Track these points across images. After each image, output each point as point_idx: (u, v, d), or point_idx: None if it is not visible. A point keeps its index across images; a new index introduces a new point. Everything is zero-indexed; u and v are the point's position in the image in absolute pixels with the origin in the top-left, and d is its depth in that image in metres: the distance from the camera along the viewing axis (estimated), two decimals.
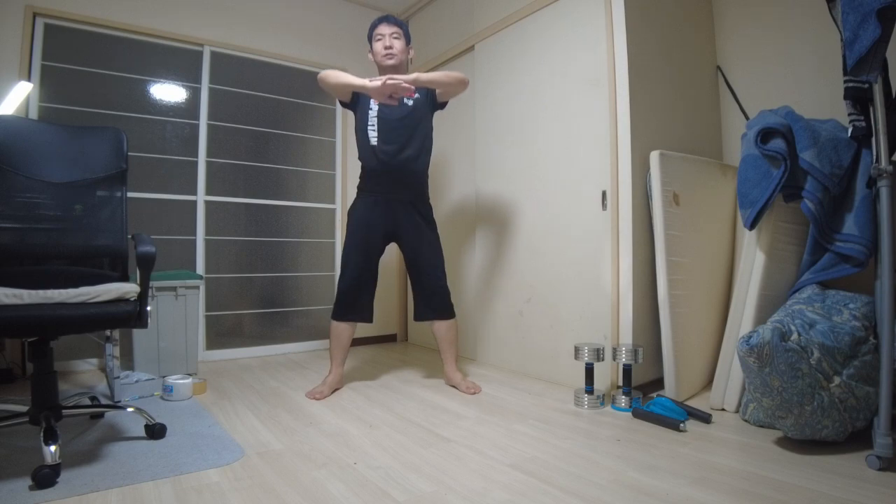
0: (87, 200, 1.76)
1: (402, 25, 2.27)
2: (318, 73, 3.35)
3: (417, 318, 2.29)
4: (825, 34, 2.11)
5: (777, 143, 1.78)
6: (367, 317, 2.25)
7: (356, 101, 2.23)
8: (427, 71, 3.34)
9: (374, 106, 2.19)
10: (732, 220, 2.33)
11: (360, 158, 2.26)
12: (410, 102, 2.21)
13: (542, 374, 2.44)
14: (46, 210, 1.72)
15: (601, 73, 2.18)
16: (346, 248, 2.23)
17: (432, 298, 2.25)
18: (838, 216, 1.75)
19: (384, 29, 2.23)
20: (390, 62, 2.21)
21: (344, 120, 3.44)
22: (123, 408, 1.79)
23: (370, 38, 2.28)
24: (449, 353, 2.29)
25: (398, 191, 2.22)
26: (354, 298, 2.20)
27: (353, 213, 2.27)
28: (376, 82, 2.00)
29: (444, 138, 3.18)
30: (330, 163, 3.44)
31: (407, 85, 2.00)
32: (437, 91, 2.21)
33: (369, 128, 2.18)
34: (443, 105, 2.29)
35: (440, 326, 2.28)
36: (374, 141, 2.18)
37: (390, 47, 2.20)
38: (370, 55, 2.29)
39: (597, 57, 2.20)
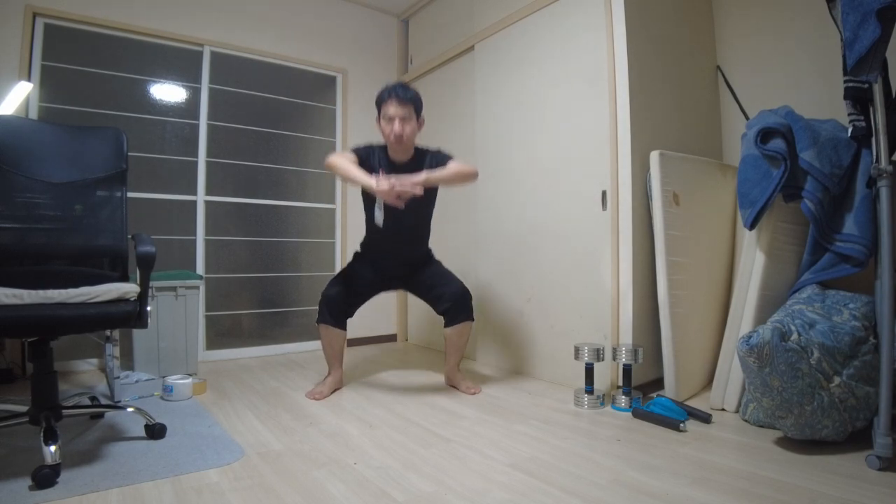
0: (87, 200, 1.76)
1: (414, 99, 2.11)
2: (318, 72, 3.40)
3: (448, 324, 2.22)
4: (825, 34, 2.11)
5: (777, 143, 1.78)
6: (343, 325, 2.22)
7: (363, 166, 2.09)
8: (428, 72, 3.35)
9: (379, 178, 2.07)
10: (732, 220, 2.33)
11: (366, 224, 2.26)
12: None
13: (542, 374, 2.44)
14: (46, 210, 1.72)
15: (601, 73, 2.18)
16: (345, 271, 2.28)
17: (462, 305, 2.21)
18: (838, 216, 1.75)
19: (393, 109, 2.06)
20: (398, 148, 2.13)
21: (344, 120, 3.44)
22: (123, 408, 1.79)
23: (378, 108, 2.14)
24: (454, 355, 2.27)
25: (399, 260, 2.26)
26: (336, 306, 2.18)
27: (358, 257, 2.33)
28: (384, 185, 1.87)
29: (445, 138, 3.18)
30: None
31: (417, 190, 1.91)
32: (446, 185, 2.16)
33: (377, 208, 2.10)
34: None
35: (454, 329, 2.21)
36: (379, 222, 2.10)
37: (400, 135, 2.07)
38: (377, 125, 2.16)
39: (597, 57, 2.20)
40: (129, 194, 1.84)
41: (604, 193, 2.16)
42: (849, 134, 1.63)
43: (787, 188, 1.78)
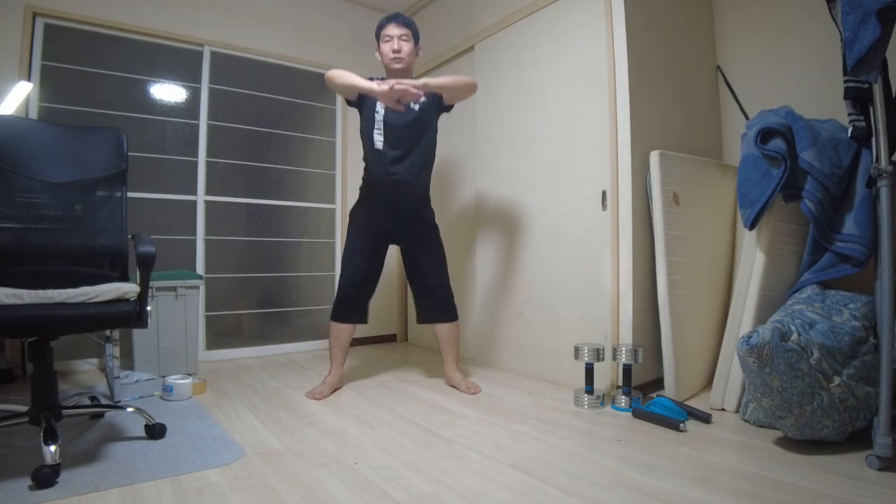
0: (87, 200, 1.76)
1: (411, 25, 2.21)
2: (318, 72, 3.39)
3: (420, 321, 2.29)
4: (825, 34, 2.11)
5: (777, 143, 1.78)
6: (363, 318, 2.24)
7: (362, 101, 2.19)
8: (427, 71, 3.35)
9: (380, 109, 2.15)
10: (732, 220, 2.33)
11: (364, 160, 2.24)
12: (417, 107, 2.17)
13: (542, 374, 2.44)
14: (46, 210, 1.72)
15: (601, 73, 2.18)
16: (347, 249, 2.23)
17: (435, 302, 2.25)
18: (838, 216, 1.75)
19: (393, 30, 2.17)
20: (398, 66, 2.16)
21: (344, 120, 3.44)
22: (123, 408, 1.79)
23: (378, 37, 2.22)
24: (450, 354, 2.29)
25: (400, 196, 2.19)
26: (352, 299, 2.19)
27: (354, 215, 2.27)
28: (384, 86, 1.94)
29: (444, 138, 3.18)
30: (330, 163, 3.44)
31: (415, 91, 1.97)
32: (445, 95, 2.18)
33: (375, 132, 2.15)
34: (449, 108, 2.26)
35: (442, 328, 2.28)
36: (379, 145, 2.14)
37: (398, 51, 2.15)
38: (377, 54, 2.24)
39: (597, 57, 2.20)
40: (129, 194, 1.84)
41: (604, 193, 2.16)
42: (849, 134, 1.63)
43: (787, 188, 1.78)
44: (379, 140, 2.14)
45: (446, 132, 3.16)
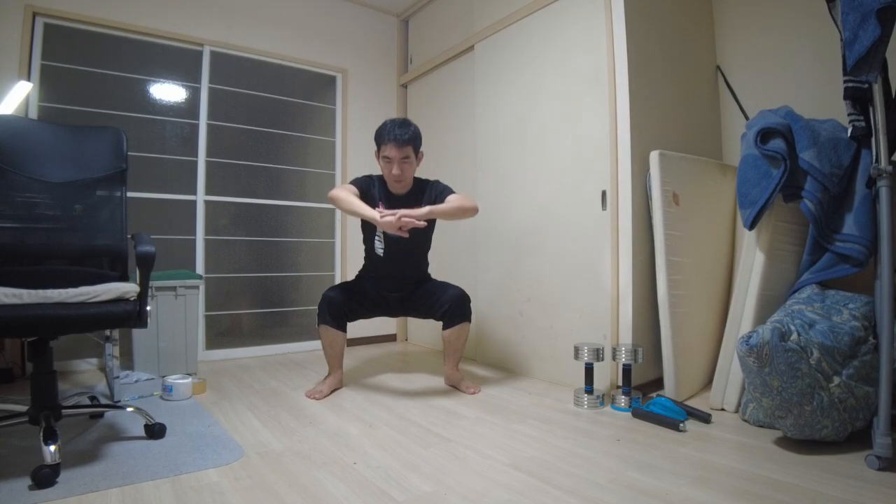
0: (87, 200, 1.76)
1: (413, 140, 2.14)
2: (318, 72, 3.40)
3: (447, 327, 2.21)
4: (825, 34, 2.11)
5: (777, 143, 1.78)
6: (343, 327, 2.21)
7: (364, 198, 2.15)
8: (427, 71, 3.35)
9: (383, 211, 2.07)
10: (732, 220, 2.33)
11: (365, 253, 2.32)
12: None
13: (542, 374, 2.44)
14: (46, 210, 1.72)
15: (601, 73, 2.18)
16: (346, 282, 2.33)
17: (459, 307, 2.21)
18: (838, 216, 1.75)
19: (393, 152, 2.09)
20: (399, 189, 2.20)
21: (344, 120, 3.44)
22: (123, 407, 1.79)
23: (377, 144, 2.17)
24: (453, 356, 2.27)
25: (401, 280, 2.28)
26: (337, 308, 2.18)
27: (359, 277, 2.37)
28: (388, 218, 1.93)
29: (445, 138, 3.19)
30: (330, 163, 3.44)
31: (420, 223, 1.96)
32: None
33: (377, 240, 2.22)
34: None
35: (452, 331, 2.21)
36: (380, 252, 2.23)
37: (399, 177, 2.14)
38: (375, 157, 2.21)
39: (597, 57, 2.20)
40: (129, 194, 1.84)
41: (604, 193, 2.16)
42: (849, 134, 1.64)
43: (787, 188, 1.78)
44: (380, 248, 2.23)
45: (447, 132, 3.16)
